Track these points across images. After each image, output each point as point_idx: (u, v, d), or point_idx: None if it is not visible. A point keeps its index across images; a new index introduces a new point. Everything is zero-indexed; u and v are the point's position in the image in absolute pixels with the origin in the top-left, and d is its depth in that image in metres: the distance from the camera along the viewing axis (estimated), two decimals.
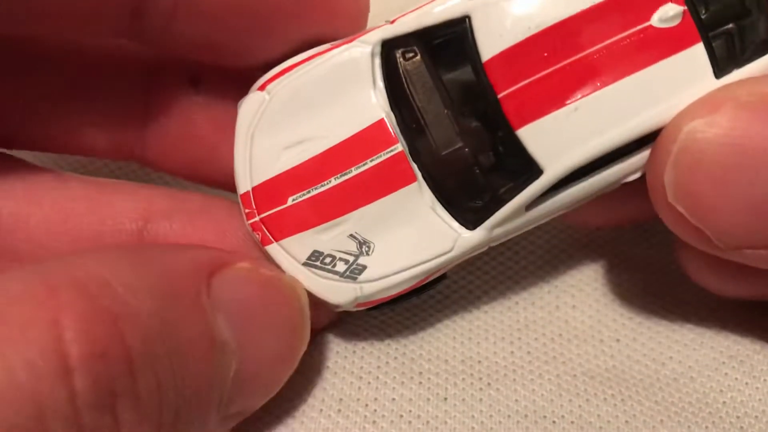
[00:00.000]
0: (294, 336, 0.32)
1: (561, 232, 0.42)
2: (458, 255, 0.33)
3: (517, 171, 0.32)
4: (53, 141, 0.38)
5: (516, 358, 0.37)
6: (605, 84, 0.30)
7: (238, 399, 0.31)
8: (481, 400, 0.35)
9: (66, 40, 0.37)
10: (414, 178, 0.33)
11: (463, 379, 0.36)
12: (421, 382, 0.35)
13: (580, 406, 0.35)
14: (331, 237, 0.33)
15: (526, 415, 0.34)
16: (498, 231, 0.33)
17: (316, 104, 0.33)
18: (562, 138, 0.31)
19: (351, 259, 0.33)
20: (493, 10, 0.31)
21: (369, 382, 0.36)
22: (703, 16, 0.30)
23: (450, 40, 0.32)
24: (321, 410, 0.34)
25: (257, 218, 0.34)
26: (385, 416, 0.34)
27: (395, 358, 0.37)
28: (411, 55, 0.33)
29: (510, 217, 0.32)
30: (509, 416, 0.34)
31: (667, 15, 0.30)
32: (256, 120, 0.34)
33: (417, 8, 0.33)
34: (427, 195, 0.33)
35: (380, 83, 0.33)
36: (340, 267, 0.33)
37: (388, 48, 0.33)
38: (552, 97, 0.31)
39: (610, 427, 0.34)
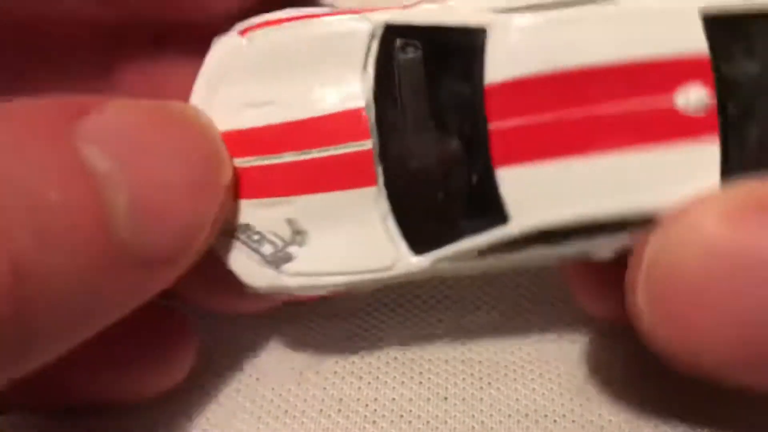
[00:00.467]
0: (205, 162, 0.29)
1: None
2: (393, 277, 0.30)
3: (483, 211, 0.29)
4: None
5: (516, 357, 0.37)
6: (606, 151, 0.28)
7: (150, 236, 0.27)
8: (481, 399, 0.35)
9: (10, 8, 0.33)
10: (374, 182, 0.30)
11: (464, 378, 0.36)
12: (421, 382, 0.35)
13: (581, 405, 0.35)
14: (268, 215, 0.30)
15: (527, 415, 0.34)
16: (443, 266, 0.30)
17: (296, 68, 0.30)
18: (540, 193, 0.28)
19: (280, 244, 0.30)
20: (514, 32, 0.28)
21: (369, 382, 0.36)
22: (730, 111, 0.28)
23: (459, 48, 0.29)
24: (321, 410, 0.34)
25: None
26: (385, 416, 0.34)
27: (395, 358, 0.37)
28: (412, 49, 0.30)
29: (459, 257, 0.29)
30: (510, 415, 0.34)
31: (692, 100, 0.27)
32: (226, 64, 0.31)
33: (434, 1, 0.30)
34: (383, 204, 0.30)
35: (370, 69, 0.30)
36: (266, 249, 0.30)
37: (391, 34, 0.30)
38: (545, 146, 0.28)
39: (612, 426, 0.34)
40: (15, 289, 0.23)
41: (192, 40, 0.33)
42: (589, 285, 0.34)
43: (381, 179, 0.30)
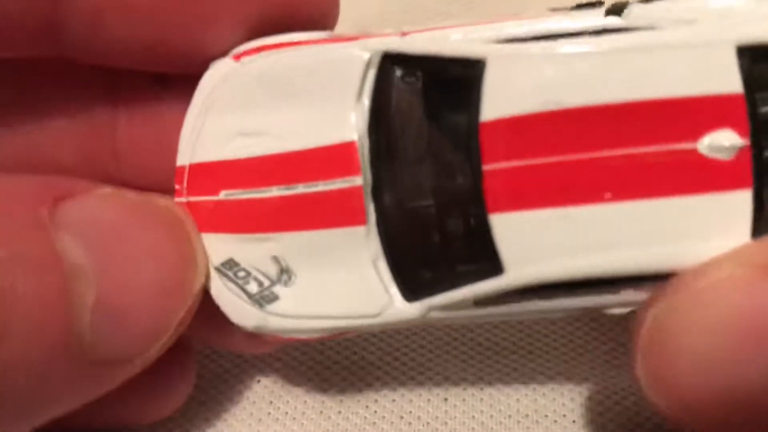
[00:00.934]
0: (180, 266, 0.28)
1: None
2: (382, 324, 0.28)
3: (478, 258, 0.27)
4: (13, 158, 0.32)
5: (517, 356, 0.37)
6: (613, 199, 0.25)
7: (110, 337, 0.26)
8: (481, 399, 0.35)
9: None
10: (363, 221, 0.28)
11: (464, 378, 0.36)
12: (422, 382, 0.35)
13: (581, 405, 0.35)
14: (254, 251, 0.29)
15: (527, 415, 0.34)
16: (436, 315, 0.28)
17: (288, 96, 0.29)
18: (537, 243, 0.26)
19: (266, 283, 0.29)
20: (514, 65, 0.26)
21: (369, 383, 0.35)
22: (767, 155, 0.24)
23: (457, 81, 0.27)
24: (321, 411, 0.34)
25: (183, 200, 0.30)
26: (385, 417, 0.34)
27: (396, 358, 0.36)
28: (411, 80, 0.28)
29: (453, 306, 0.28)
30: (510, 416, 0.34)
31: (719, 144, 0.24)
32: (220, 90, 0.30)
33: (433, 29, 0.28)
34: (374, 245, 0.28)
35: (366, 100, 0.28)
36: (252, 287, 0.29)
37: (389, 63, 0.28)
38: (545, 191, 0.25)
39: (612, 425, 0.34)
40: None
41: (192, 75, 0.32)
42: None
43: (372, 218, 0.28)
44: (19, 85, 0.32)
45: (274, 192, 0.29)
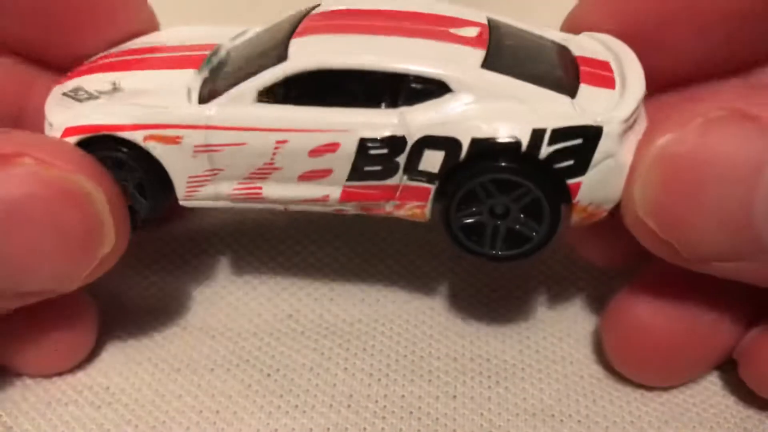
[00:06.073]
0: (84, 236, 0.32)
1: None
2: (179, 116, 0.34)
3: (273, 61, 0.34)
4: None
5: (525, 356, 0.37)
6: (381, 33, 0.34)
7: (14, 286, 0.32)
8: (489, 398, 0.35)
9: None
10: (198, 66, 0.36)
11: (472, 377, 0.36)
12: (430, 380, 0.36)
13: (586, 406, 0.35)
14: (99, 82, 0.36)
15: (534, 414, 0.35)
16: (227, 113, 0.33)
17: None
18: (319, 47, 0.33)
19: (96, 94, 0.36)
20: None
21: (379, 380, 0.36)
22: (492, 39, 0.34)
23: None
24: (331, 405, 0.35)
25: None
26: (394, 413, 0.34)
27: (405, 356, 0.37)
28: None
29: (241, 97, 0.33)
30: (517, 414, 0.35)
31: (465, 30, 0.35)
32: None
33: None
34: (198, 79, 0.36)
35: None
36: (82, 96, 0.36)
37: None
38: (333, 27, 0.35)
39: (616, 428, 0.34)
40: None
41: None
42: (587, 238, 0.37)
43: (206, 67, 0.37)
44: None
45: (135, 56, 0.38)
